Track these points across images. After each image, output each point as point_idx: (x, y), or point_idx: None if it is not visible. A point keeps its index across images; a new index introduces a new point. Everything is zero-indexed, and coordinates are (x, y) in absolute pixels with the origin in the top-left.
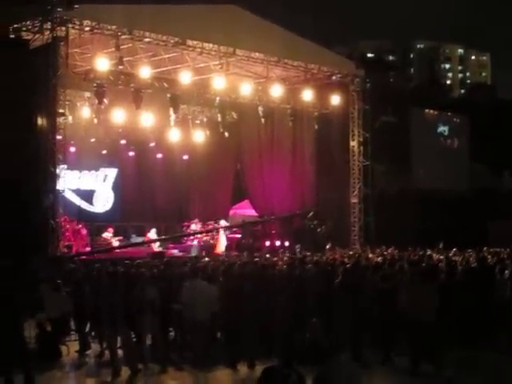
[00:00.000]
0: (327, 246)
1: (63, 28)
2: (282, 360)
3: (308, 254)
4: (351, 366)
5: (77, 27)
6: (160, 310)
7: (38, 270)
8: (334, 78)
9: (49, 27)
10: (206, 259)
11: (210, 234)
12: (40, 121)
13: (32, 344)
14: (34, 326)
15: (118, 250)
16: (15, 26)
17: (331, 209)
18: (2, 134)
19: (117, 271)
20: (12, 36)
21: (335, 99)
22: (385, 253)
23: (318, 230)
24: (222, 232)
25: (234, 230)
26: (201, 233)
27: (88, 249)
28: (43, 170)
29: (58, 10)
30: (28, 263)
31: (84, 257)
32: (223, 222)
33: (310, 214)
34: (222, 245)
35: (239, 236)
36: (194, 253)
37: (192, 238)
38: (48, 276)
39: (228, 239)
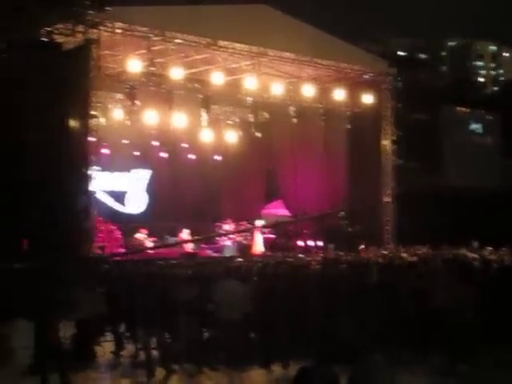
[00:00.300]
0: (360, 246)
1: (95, 30)
2: (317, 360)
3: (341, 253)
4: (386, 366)
5: (108, 29)
6: (194, 310)
7: (71, 271)
8: (365, 76)
9: (81, 30)
10: (240, 259)
11: (243, 234)
12: (72, 123)
13: (67, 344)
14: (68, 327)
15: (151, 251)
16: (47, 29)
17: (363, 208)
18: (34, 136)
19: (151, 272)
20: (44, 39)
21: (367, 98)
22: (418, 252)
23: (350, 229)
24: (258, 232)
25: (267, 230)
26: (234, 233)
27: (121, 250)
28: (76, 171)
29: (90, 12)
30: (62, 264)
31: (117, 258)
32: (259, 222)
33: (342, 214)
34: (258, 245)
35: (272, 236)
36: (227, 253)
37: (225, 238)
38: (82, 277)
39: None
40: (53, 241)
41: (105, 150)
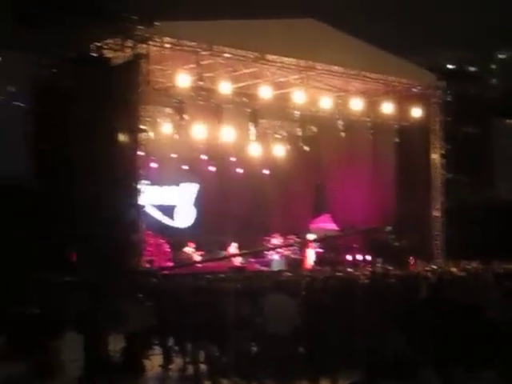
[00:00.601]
0: (409, 260)
1: (144, 45)
2: (366, 375)
3: (390, 268)
4: (437, 382)
5: (157, 44)
6: (242, 324)
7: (120, 284)
8: (414, 89)
9: (130, 45)
10: (288, 273)
11: (291, 248)
12: (122, 137)
13: (116, 357)
14: (118, 340)
15: (199, 265)
16: (97, 44)
17: (412, 222)
18: (84, 150)
19: (199, 286)
20: (94, 54)
21: (416, 111)
22: (468, 267)
23: (396, 244)
24: (310, 246)
25: (316, 244)
26: (282, 247)
27: (170, 264)
28: (125, 185)
29: (139, 27)
30: (111, 278)
31: (166, 271)
32: (310, 236)
33: (388, 229)
34: (310, 259)
35: (320, 250)
36: (275, 267)
37: (273, 252)
38: (130, 290)
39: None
40: (102, 254)
41: (153, 164)
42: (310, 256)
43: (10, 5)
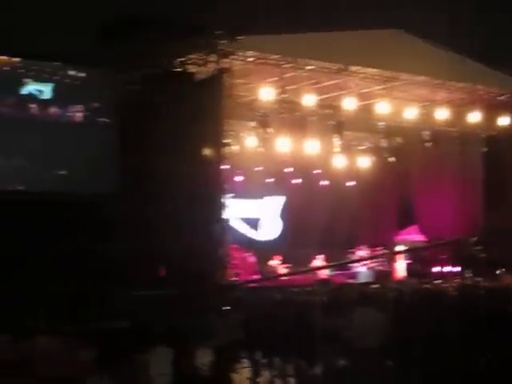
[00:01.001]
0: (499, 272)
1: (227, 60)
2: None
3: (479, 279)
4: None
5: (240, 58)
6: (330, 337)
7: (207, 297)
8: (501, 98)
9: (213, 60)
10: (375, 286)
11: (378, 260)
12: (207, 151)
13: (204, 372)
14: (205, 354)
15: (285, 278)
16: (181, 59)
17: (501, 234)
18: (169, 166)
19: (285, 299)
20: (178, 69)
21: (504, 120)
22: None
23: (483, 255)
24: (400, 258)
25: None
26: (369, 259)
27: (256, 276)
28: (211, 199)
29: (222, 42)
30: (198, 291)
31: (252, 284)
32: (398, 248)
33: (473, 240)
34: (400, 271)
35: (408, 262)
36: (362, 279)
37: (360, 264)
38: (218, 304)
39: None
40: (188, 268)
41: (238, 178)
42: (399, 268)
43: (94, 21)
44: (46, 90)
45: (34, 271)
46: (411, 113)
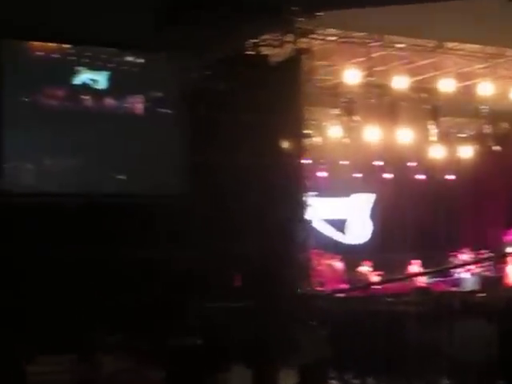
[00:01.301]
0: None
1: (306, 39)
2: None
3: None
4: None
5: (321, 37)
6: (432, 354)
7: (288, 309)
8: None
9: (290, 40)
10: (481, 294)
11: (485, 264)
12: (285, 143)
13: None
14: (288, 374)
15: (377, 287)
16: (254, 41)
17: None
18: (243, 162)
19: (379, 310)
20: (250, 52)
21: None
22: None
23: None
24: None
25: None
26: (474, 263)
27: (343, 285)
28: (291, 198)
29: (300, 20)
30: (277, 302)
31: (339, 294)
32: (509, 250)
33: None
34: (511, 278)
35: None
36: (466, 287)
37: (463, 269)
38: (300, 317)
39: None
40: (268, 277)
41: (321, 173)
42: (510, 274)
43: (156, 3)
44: (100, 79)
45: (97, 282)
46: None
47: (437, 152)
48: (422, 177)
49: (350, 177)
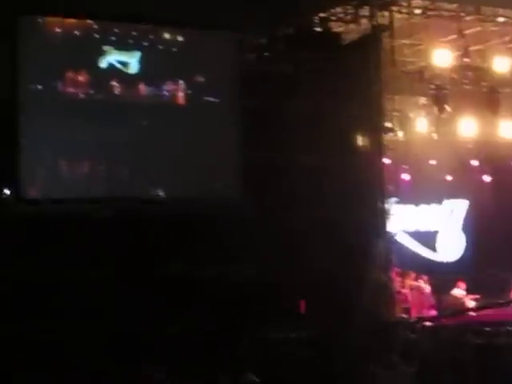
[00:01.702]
0: None
1: (386, 13)
2: None
3: None
4: None
5: (404, 10)
6: None
7: (366, 341)
8: None
9: (366, 14)
10: None
11: None
12: (360, 139)
13: None
14: None
15: (474, 313)
16: (322, 15)
17: None
18: (309, 161)
19: (478, 342)
20: (318, 29)
21: None
22: None
23: None
24: None
25: None
26: None
27: (433, 312)
28: (368, 206)
29: None
30: (352, 333)
31: (428, 323)
32: None
33: None
34: None
35: None
36: None
37: None
38: (380, 349)
39: None
40: (340, 301)
41: (405, 176)
42: None
43: None
44: (131, 62)
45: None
46: None
47: None
48: None
49: (440, 180)
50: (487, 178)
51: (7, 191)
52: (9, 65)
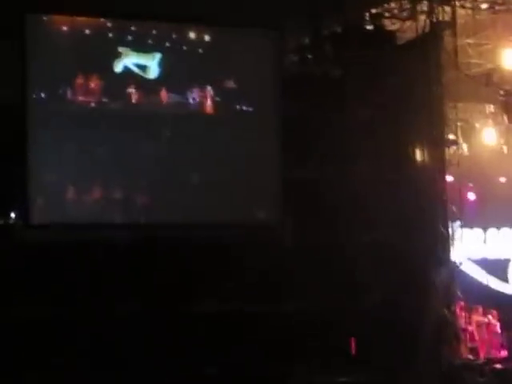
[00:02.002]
0: None
1: (447, 8)
2: None
3: None
4: None
5: (468, 5)
6: None
7: None
8: None
9: (425, 9)
10: None
11: None
12: (419, 153)
13: None
14: None
15: None
16: (374, 11)
17: None
18: (360, 177)
19: None
20: (369, 27)
21: None
22: None
23: None
24: None
25: None
26: None
27: (503, 352)
28: (428, 229)
29: None
30: (410, 377)
31: (499, 365)
32: None
33: None
34: None
35: None
36: None
37: None
38: None
39: None
40: (394, 341)
41: (471, 195)
42: None
43: None
44: (151, 65)
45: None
46: None
47: None
48: None
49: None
50: None
51: (14, 215)
52: (15, 70)
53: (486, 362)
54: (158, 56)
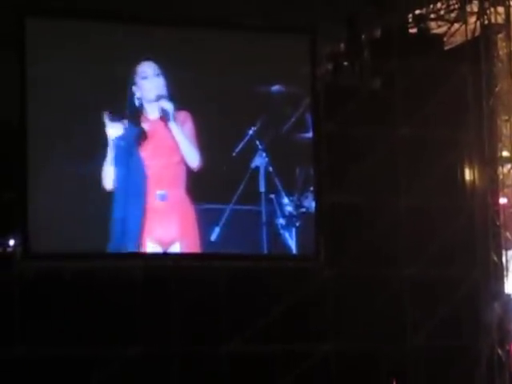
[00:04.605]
0: None
1: (500, 9)
2: None
3: None
4: None
5: None
6: None
7: None
8: None
9: (475, 10)
10: None
11: None
12: (469, 173)
13: None
14: None
15: None
16: (418, 12)
17: None
18: (402, 199)
19: None
20: (413, 30)
21: None
22: None
23: None
24: None
25: None
26: None
27: None
28: (479, 258)
29: None
30: None
31: None
32: None
33: None
34: None
35: None
36: None
37: None
38: None
39: None
40: (447, 378)
41: None
42: None
43: None
44: None
45: None
46: None
47: None
48: None
49: None
50: None
51: (12, 243)
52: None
53: None
54: None
